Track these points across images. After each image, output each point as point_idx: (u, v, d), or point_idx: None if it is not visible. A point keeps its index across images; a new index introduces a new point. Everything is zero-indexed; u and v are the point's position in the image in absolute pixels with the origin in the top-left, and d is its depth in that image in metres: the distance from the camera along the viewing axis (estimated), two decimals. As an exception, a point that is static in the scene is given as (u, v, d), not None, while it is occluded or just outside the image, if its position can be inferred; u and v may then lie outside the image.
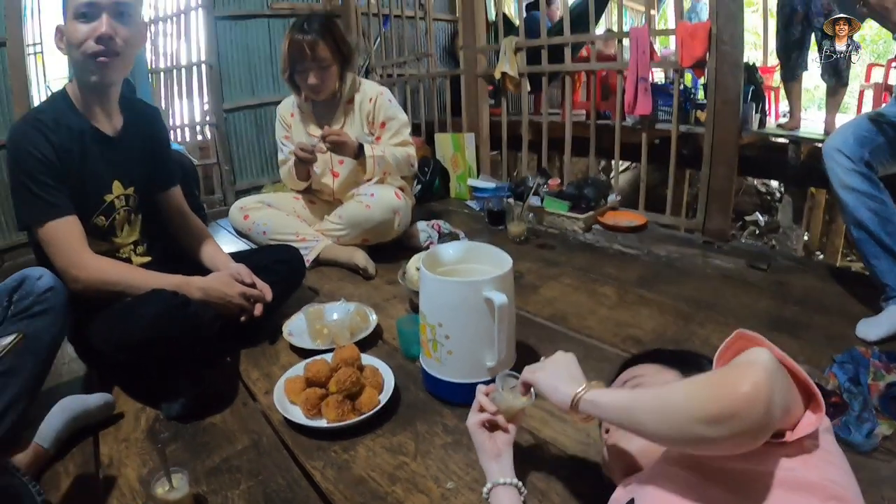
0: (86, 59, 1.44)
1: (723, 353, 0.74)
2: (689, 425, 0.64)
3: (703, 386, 0.66)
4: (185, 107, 4.50)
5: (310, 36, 2.31)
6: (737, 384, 0.61)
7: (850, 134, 1.80)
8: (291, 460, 1.28)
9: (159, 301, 1.38)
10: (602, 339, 1.75)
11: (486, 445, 1.04)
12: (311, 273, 2.39)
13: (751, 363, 0.63)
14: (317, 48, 2.32)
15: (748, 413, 0.59)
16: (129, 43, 1.49)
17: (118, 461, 1.30)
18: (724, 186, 2.79)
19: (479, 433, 1.06)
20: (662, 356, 1.03)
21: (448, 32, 6.06)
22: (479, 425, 1.06)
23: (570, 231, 2.95)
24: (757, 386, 0.59)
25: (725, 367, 0.67)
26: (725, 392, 0.61)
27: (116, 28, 1.43)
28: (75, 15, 1.40)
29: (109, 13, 1.42)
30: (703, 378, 0.69)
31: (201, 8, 4.29)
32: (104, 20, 1.41)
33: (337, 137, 2.28)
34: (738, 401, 0.60)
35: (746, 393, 0.59)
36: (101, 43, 1.42)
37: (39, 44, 4.33)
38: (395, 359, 1.66)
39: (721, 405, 0.61)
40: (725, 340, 0.74)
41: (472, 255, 1.52)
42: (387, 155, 2.43)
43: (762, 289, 2.12)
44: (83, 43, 1.42)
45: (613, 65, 3.39)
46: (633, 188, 5.40)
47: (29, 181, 1.41)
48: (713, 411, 0.61)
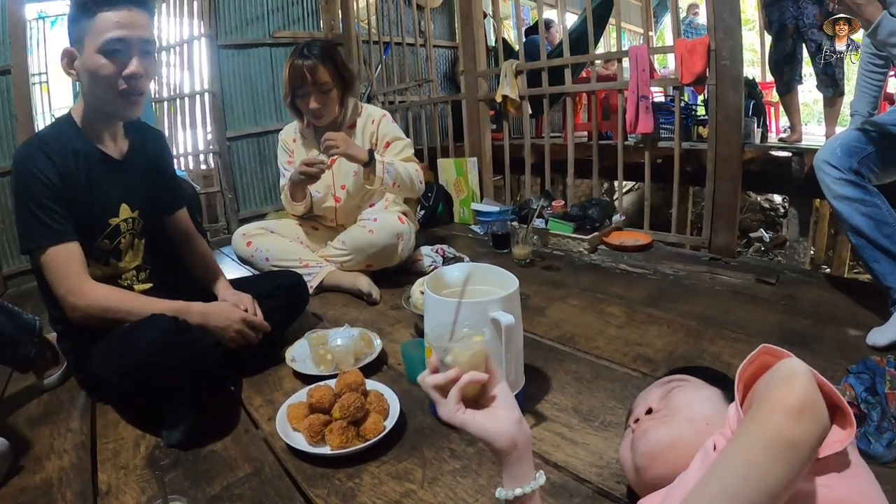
0: (114, 96, 1.44)
1: (746, 367, 0.72)
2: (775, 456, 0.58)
3: (759, 423, 0.60)
4: (189, 135, 4.52)
5: (310, 61, 2.32)
6: (787, 396, 0.59)
7: (838, 145, 1.82)
8: (294, 488, 1.24)
9: (159, 326, 1.36)
10: (612, 359, 1.71)
11: (473, 425, 0.80)
12: (315, 299, 2.37)
13: (793, 374, 0.61)
14: (317, 72, 2.33)
15: (815, 415, 0.58)
16: (151, 78, 1.51)
17: (116, 488, 1.27)
18: (729, 202, 2.78)
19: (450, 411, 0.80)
20: (706, 373, 1.02)
21: (448, 59, 6.13)
22: (439, 394, 0.82)
23: (575, 252, 2.93)
24: (809, 389, 0.59)
25: (766, 390, 0.63)
26: (785, 404, 0.59)
27: (145, 66, 1.44)
28: (103, 50, 1.39)
29: (138, 52, 1.42)
30: (754, 417, 0.62)
31: (204, 37, 4.34)
32: (135, 61, 1.41)
33: (335, 142, 2.24)
34: (803, 406, 0.58)
35: (800, 399, 0.58)
36: (130, 81, 1.42)
37: (45, 73, 4.38)
38: (401, 384, 1.62)
39: (790, 420, 0.58)
40: (749, 355, 0.71)
41: (477, 276, 1.48)
42: (397, 163, 2.42)
43: (772, 303, 2.08)
44: (111, 79, 1.41)
45: (614, 84, 3.40)
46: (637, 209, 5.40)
47: (33, 205, 1.40)
48: (787, 432, 0.58)
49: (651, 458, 0.88)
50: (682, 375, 1.02)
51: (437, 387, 0.82)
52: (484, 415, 0.80)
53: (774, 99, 5.06)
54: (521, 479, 0.79)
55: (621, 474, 1.17)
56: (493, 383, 0.84)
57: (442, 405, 0.80)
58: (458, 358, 0.82)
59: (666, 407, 0.94)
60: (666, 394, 0.98)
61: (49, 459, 1.41)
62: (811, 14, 3.72)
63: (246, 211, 4.58)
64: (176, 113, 4.50)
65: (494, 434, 0.78)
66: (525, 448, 0.80)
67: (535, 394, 1.52)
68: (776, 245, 6.94)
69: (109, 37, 1.38)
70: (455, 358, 0.83)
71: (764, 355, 0.70)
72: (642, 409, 0.98)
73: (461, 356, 0.83)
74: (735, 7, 2.60)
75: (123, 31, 1.39)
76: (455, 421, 0.79)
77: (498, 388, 0.84)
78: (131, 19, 1.40)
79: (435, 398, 0.82)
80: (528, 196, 3.84)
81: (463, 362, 0.82)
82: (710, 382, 0.97)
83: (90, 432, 1.53)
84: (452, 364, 0.82)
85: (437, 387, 0.81)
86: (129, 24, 1.40)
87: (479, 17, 3.87)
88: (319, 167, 2.28)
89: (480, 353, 0.84)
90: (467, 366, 0.82)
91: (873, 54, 2.01)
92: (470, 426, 0.79)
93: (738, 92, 2.67)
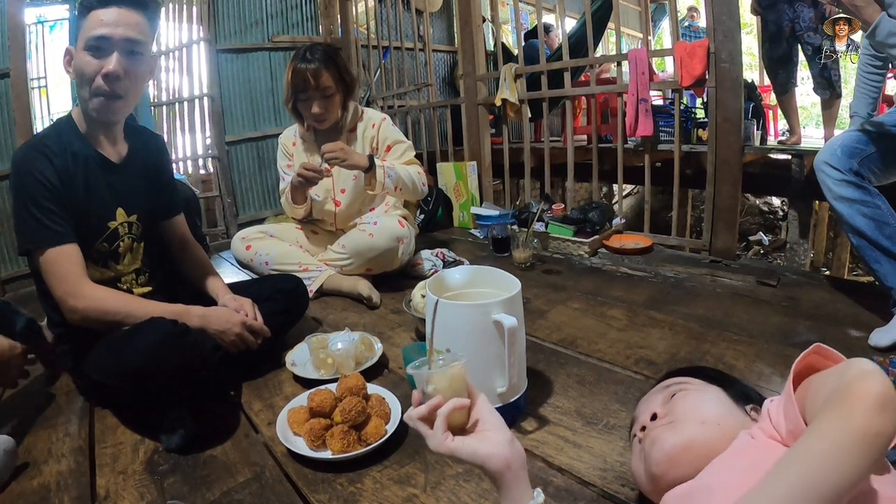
0: (90, 96, 1.44)
1: (797, 365, 0.75)
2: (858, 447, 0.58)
3: (843, 416, 0.61)
4: (188, 139, 4.53)
5: (313, 65, 2.31)
6: (870, 390, 0.60)
7: (838, 146, 1.82)
8: (295, 493, 1.22)
9: (158, 329, 1.35)
10: (614, 362, 1.70)
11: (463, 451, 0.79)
12: (315, 303, 2.36)
13: (870, 371, 0.63)
14: (320, 77, 2.32)
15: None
16: (135, 81, 1.48)
17: (115, 493, 1.25)
18: (730, 204, 2.78)
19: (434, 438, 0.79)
20: (705, 372, 1.02)
21: (447, 63, 6.14)
22: (426, 427, 0.81)
23: (575, 256, 2.92)
24: (888, 384, 0.60)
25: (842, 385, 0.64)
26: (869, 398, 0.60)
27: (126, 66, 1.42)
28: (87, 46, 1.39)
29: (120, 50, 1.41)
30: (835, 410, 0.62)
31: (203, 42, 4.35)
32: (114, 58, 1.40)
33: (333, 153, 2.23)
34: (885, 399, 0.59)
35: (883, 393, 0.59)
36: (107, 81, 1.41)
37: (44, 77, 4.38)
38: (402, 388, 1.61)
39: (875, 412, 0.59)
40: (803, 353, 0.75)
41: (478, 279, 1.47)
42: (398, 167, 2.41)
43: (773, 305, 2.08)
44: (91, 77, 1.41)
45: (613, 88, 3.39)
46: (636, 213, 5.40)
47: (31, 205, 1.39)
48: (873, 423, 0.59)
49: (667, 464, 0.87)
50: (681, 378, 1.01)
51: (422, 419, 0.81)
52: (473, 439, 0.80)
53: (773, 102, 5.07)
54: (518, 500, 0.78)
55: (626, 477, 1.16)
56: (476, 406, 0.84)
57: (430, 437, 0.80)
58: (439, 385, 0.82)
59: (671, 412, 0.93)
60: (668, 398, 0.97)
61: (47, 464, 1.39)
62: (807, 17, 3.73)
63: (245, 215, 4.58)
64: (175, 117, 4.50)
65: (485, 457, 0.77)
66: (520, 468, 0.79)
67: (538, 397, 1.51)
68: (775, 248, 6.95)
69: (94, 34, 1.38)
70: (436, 386, 0.82)
71: (814, 355, 0.72)
72: (647, 415, 0.97)
73: (441, 382, 0.82)
74: (734, 9, 2.61)
75: (107, 29, 1.38)
76: (444, 449, 0.78)
77: (483, 410, 0.83)
78: (118, 18, 1.39)
79: (422, 431, 0.81)
80: (527, 200, 3.83)
81: (444, 388, 0.82)
82: (711, 382, 0.97)
83: (88, 437, 1.51)
84: (434, 393, 0.82)
85: (423, 419, 0.81)
86: (115, 22, 1.39)
87: (478, 21, 3.87)
88: (317, 174, 2.27)
89: (460, 377, 0.84)
90: (449, 392, 0.82)
91: (872, 56, 2.01)
92: (460, 452, 0.78)
93: (738, 94, 2.67)
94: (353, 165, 2.30)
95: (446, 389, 0.82)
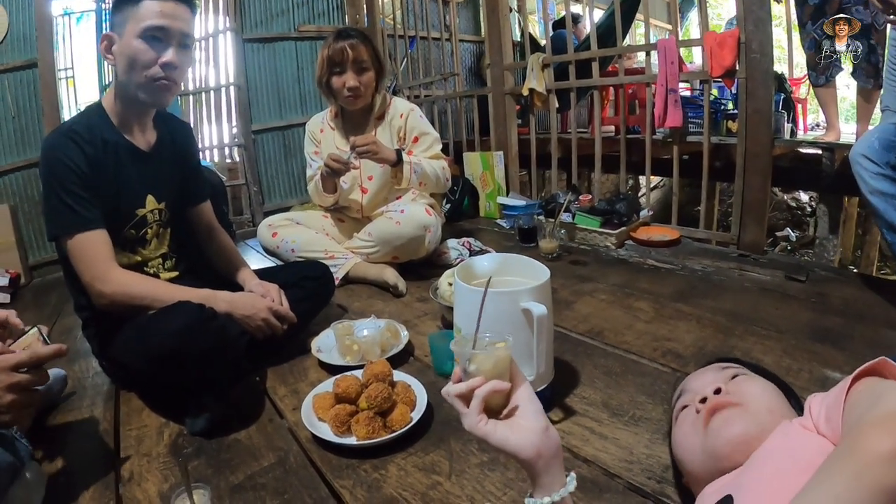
0: (147, 82, 1.46)
1: (859, 373, 0.74)
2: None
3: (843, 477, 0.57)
4: (214, 128, 4.56)
5: (352, 40, 2.36)
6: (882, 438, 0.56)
7: (875, 139, 1.77)
8: (319, 479, 1.23)
9: (185, 313, 1.36)
10: (641, 354, 1.68)
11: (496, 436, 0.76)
12: (340, 291, 2.37)
13: (885, 418, 0.58)
14: (358, 49, 2.36)
15: None
16: (185, 72, 1.53)
17: (139, 475, 1.27)
18: (759, 198, 2.72)
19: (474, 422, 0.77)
20: (752, 366, 1.02)
21: (474, 53, 6.11)
22: (462, 404, 0.78)
23: (602, 247, 2.89)
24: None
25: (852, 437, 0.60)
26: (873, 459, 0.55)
27: (181, 58, 1.47)
28: (143, 35, 1.41)
29: (177, 42, 1.45)
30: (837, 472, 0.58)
31: (230, 31, 4.37)
32: (172, 50, 1.44)
33: (366, 146, 2.24)
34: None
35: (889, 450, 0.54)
36: (166, 70, 1.45)
37: (71, 68, 4.44)
38: (428, 375, 1.61)
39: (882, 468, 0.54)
40: (868, 363, 0.74)
41: (507, 266, 1.46)
42: (423, 163, 2.42)
43: (802, 300, 2.03)
44: (147, 66, 1.43)
45: (642, 78, 3.34)
46: (662, 207, 5.33)
47: (61, 191, 1.41)
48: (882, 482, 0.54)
49: (740, 445, 0.84)
50: (735, 364, 1.00)
51: (460, 396, 0.79)
52: (506, 426, 0.77)
53: (802, 96, 4.92)
54: (549, 488, 0.76)
55: (652, 470, 1.15)
56: (518, 391, 0.81)
57: (465, 416, 0.77)
58: (482, 366, 0.79)
59: (737, 392, 0.90)
60: (729, 378, 0.95)
61: (72, 446, 1.42)
62: None
63: (271, 204, 4.60)
64: (201, 106, 4.54)
65: (515, 446, 0.75)
66: (552, 457, 0.77)
67: (564, 388, 1.50)
68: (803, 244, 6.82)
69: (152, 24, 1.40)
70: (478, 366, 0.80)
71: (881, 367, 0.72)
72: (710, 388, 0.93)
73: (484, 364, 0.80)
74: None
75: (166, 21, 1.42)
76: (477, 432, 0.76)
77: (523, 397, 0.81)
78: (175, 11, 1.44)
79: (458, 409, 0.79)
80: (554, 190, 3.80)
81: (486, 370, 0.79)
82: (760, 375, 0.96)
83: (114, 419, 1.54)
84: (476, 373, 0.79)
85: (461, 396, 0.79)
86: (172, 14, 1.43)
87: (504, 10, 3.84)
88: (343, 166, 2.28)
89: (504, 360, 0.81)
90: (491, 374, 0.79)
91: None
92: (491, 438, 0.76)
93: (769, 86, 2.61)
94: (383, 159, 2.31)
95: (488, 371, 0.79)
